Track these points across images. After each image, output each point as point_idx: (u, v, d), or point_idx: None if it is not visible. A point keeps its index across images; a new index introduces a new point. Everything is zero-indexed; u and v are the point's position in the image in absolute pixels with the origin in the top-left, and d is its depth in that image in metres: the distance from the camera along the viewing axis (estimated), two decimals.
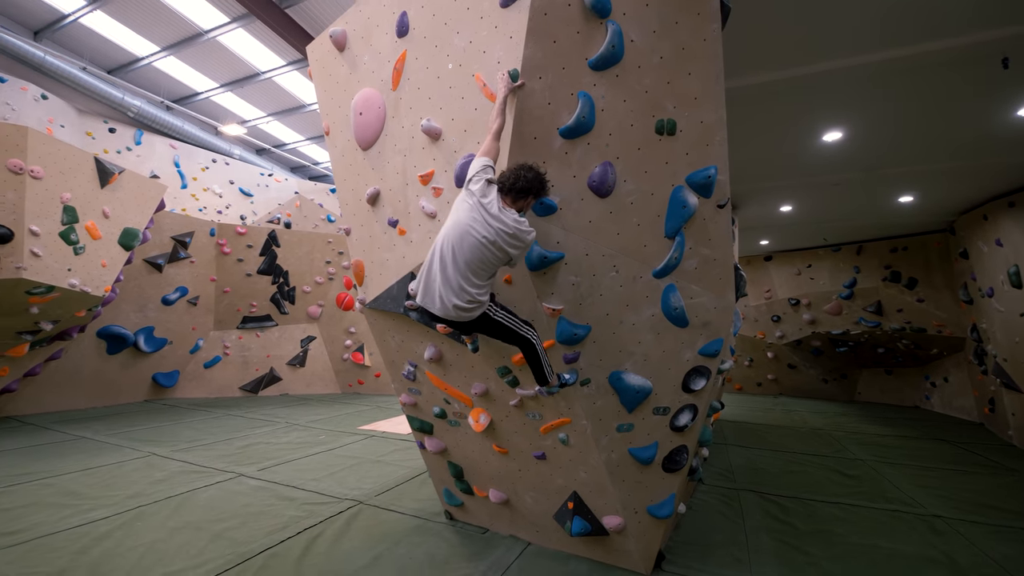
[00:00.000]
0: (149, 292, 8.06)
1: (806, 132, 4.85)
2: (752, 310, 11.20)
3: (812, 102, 4.23)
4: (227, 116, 12.19)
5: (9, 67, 8.74)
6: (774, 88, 3.95)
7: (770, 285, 10.95)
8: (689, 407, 2.84)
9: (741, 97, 4.01)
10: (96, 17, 8.85)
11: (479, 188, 2.13)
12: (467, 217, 2.13)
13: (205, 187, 11.21)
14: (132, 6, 8.64)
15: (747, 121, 4.52)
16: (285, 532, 3.58)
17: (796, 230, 8.95)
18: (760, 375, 11.62)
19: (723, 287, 2.67)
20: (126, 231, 6.28)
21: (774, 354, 11.26)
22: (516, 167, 2.12)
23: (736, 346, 11.67)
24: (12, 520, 3.66)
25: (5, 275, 5.03)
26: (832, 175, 6.00)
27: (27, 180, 5.07)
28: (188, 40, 9.35)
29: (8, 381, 6.53)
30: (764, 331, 11.17)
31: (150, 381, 8.55)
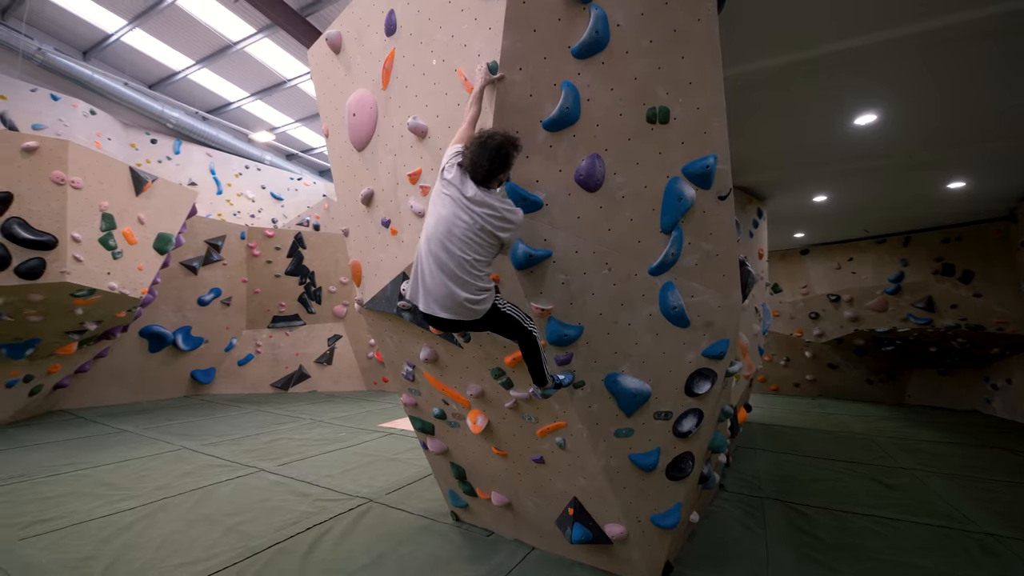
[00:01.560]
0: (186, 293, 8.47)
1: (836, 116, 4.52)
2: (788, 307, 10.66)
3: (841, 82, 3.92)
4: (257, 124, 12.68)
5: (62, 86, 9.39)
6: (798, 69, 3.68)
7: (807, 280, 10.38)
8: (693, 412, 2.69)
9: (761, 81, 3.77)
10: (136, 35, 9.38)
11: (455, 176, 2.03)
12: (450, 211, 2.03)
13: (239, 192, 11.69)
14: (167, 22, 9.10)
15: (770, 106, 4.26)
16: (295, 528, 3.66)
17: (833, 221, 8.43)
18: (798, 375, 11.05)
19: (727, 284, 2.50)
20: (160, 236, 6.60)
21: (813, 353, 10.68)
22: (476, 144, 1.97)
23: (770, 345, 11.15)
24: (51, 508, 3.90)
25: (51, 279, 5.37)
26: (869, 161, 5.59)
27: (68, 190, 5.40)
28: (219, 52, 9.76)
29: (61, 377, 7.01)
30: (801, 329, 10.61)
31: (189, 378, 8.98)
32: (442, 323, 2.17)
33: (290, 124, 13.04)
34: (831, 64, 3.60)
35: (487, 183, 2.01)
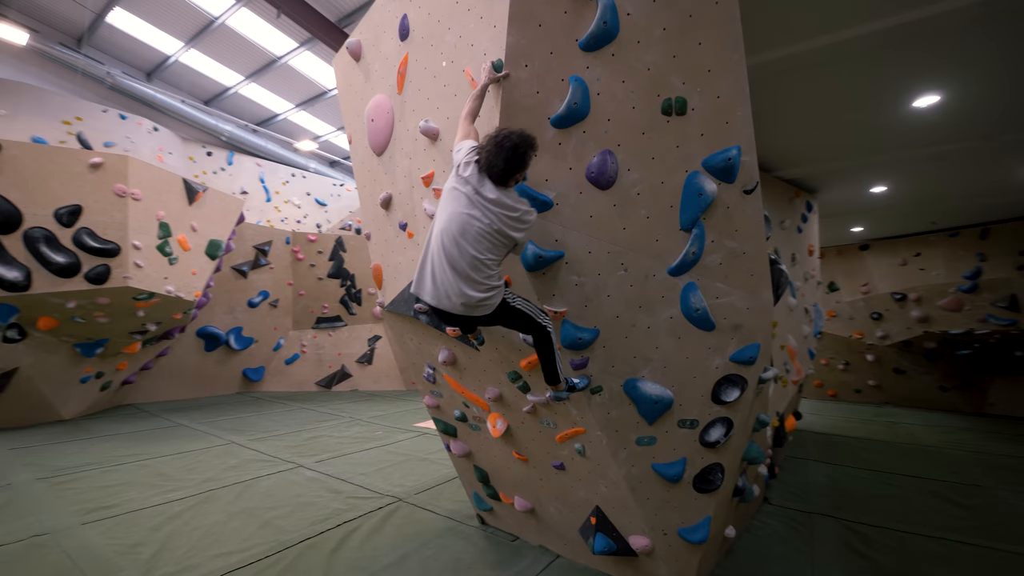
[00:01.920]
0: (236, 296, 8.97)
1: (890, 99, 4.13)
2: (846, 307, 9.93)
3: (895, 62, 3.57)
4: (302, 133, 13.28)
5: (129, 106, 10.21)
6: (841, 50, 3.38)
7: (867, 278, 9.62)
8: (721, 420, 2.52)
9: (801, 65, 3.49)
10: (192, 55, 10.06)
11: (472, 174, 1.99)
12: (465, 208, 2.00)
13: (286, 199, 12.28)
14: (219, 41, 9.69)
15: (814, 92, 3.95)
16: (326, 524, 3.76)
17: (896, 213, 7.75)
18: (859, 380, 10.27)
19: (756, 284, 2.33)
20: (211, 242, 7.01)
21: (875, 357, 9.88)
22: (492, 144, 1.93)
23: (826, 347, 10.43)
24: (110, 495, 4.21)
25: (115, 284, 5.82)
26: (934, 147, 5.08)
27: (129, 202, 5.84)
28: (265, 67, 10.30)
29: (128, 374, 7.60)
30: (862, 330, 9.85)
31: (241, 375, 9.51)
32: (453, 319, 2.17)
33: (332, 132, 13.58)
34: (880, 42, 3.28)
35: (504, 183, 1.98)
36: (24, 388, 6.07)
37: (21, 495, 4.13)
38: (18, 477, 4.55)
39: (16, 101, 8.53)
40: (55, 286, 5.54)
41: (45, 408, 6.45)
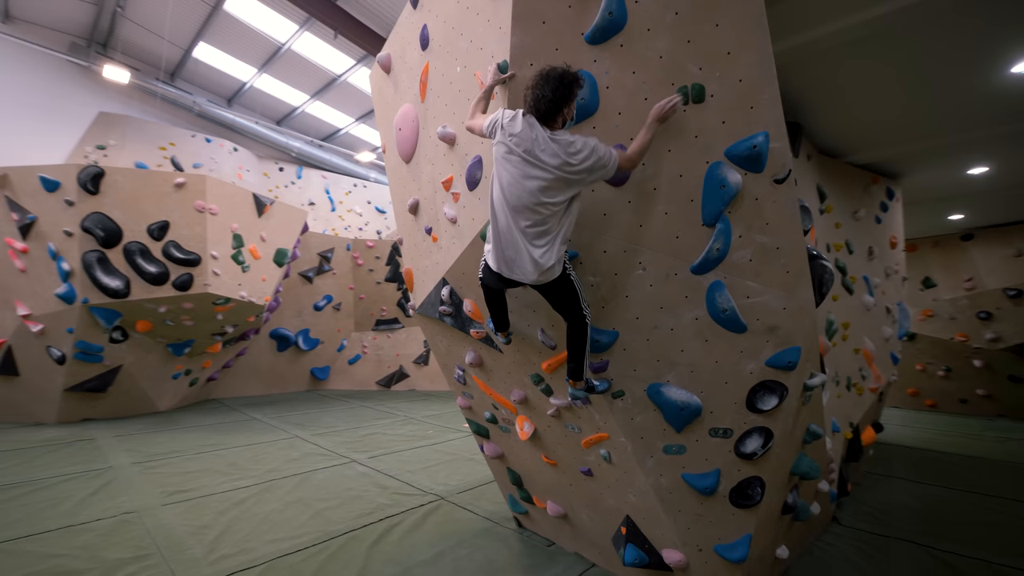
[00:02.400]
0: (304, 300, 9.63)
1: (986, 65, 3.60)
2: (945, 305, 8.80)
3: (986, 21, 3.09)
4: (361, 145, 14.06)
5: (213, 130, 11.34)
6: (933, 8, 2.95)
7: (972, 272, 8.47)
8: (758, 431, 2.32)
9: (869, 35, 3.11)
10: (264, 80, 11.00)
11: (518, 123, 1.88)
12: (519, 172, 1.90)
13: (349, 208, 13.03)
14: (286, 65, 10.51)
15: (888, 64, 3.51)
16: (370, 518, 3.92)
17: (1004, 197, 6.75)
18: (964, 390, 9.05)
19: (793, 282, 2.12)
20: (278, 251, 7.59)
21: (984, 362, 8.66)
22: (538, 79, 1.84)
23: (922, 351, 9.31)
24: (188, 481, 4.67)
25: (197, 290, 6.47)
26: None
27: (207, 216, 6.47)
28: (327, 86, 11.02)
29: (212, 371, 8.42)
30: (966, 332, 8.69)
31: (309, 374, 10.19)
32: (511, 285, 2.14)
33: None
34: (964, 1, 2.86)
35: (552, 117, 1.89)
36: (127, 383, 6.90)
37: (118, 477, 4.69)
38: (118, 461, 5.18)
39: (123, 132, 9.75)
40: (149, 293, 6.26)
41: (144, 401, 7.29)
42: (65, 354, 6.23)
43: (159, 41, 10.09)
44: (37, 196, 5.94)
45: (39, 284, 6.07)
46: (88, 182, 5.92)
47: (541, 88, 1.84)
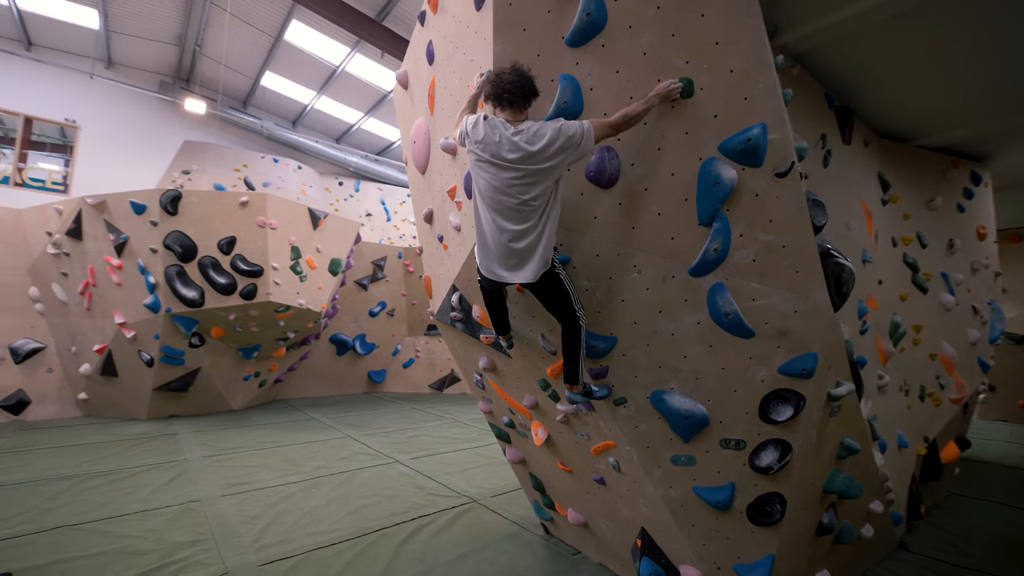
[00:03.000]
0: (359, 307, 10.17)
1: None
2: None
3: None
4: None
5: (280, 150, 12.33)
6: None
7: None
8: (774, 443, 2.16)
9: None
10: (323, 101, 11.80)
11: (481, 127, 1.91)
12: (492, 173, 1.91)
13: (403, 218, 13.58)
14: (342, 86, 11.21)
15: (960, 29, 3.09)
16: (403, 516, 4.07)
17: None
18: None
19: (804, 283, 1.96)
20: (332, 261, 8.09)
21: None
22: (493, 80, 1.88)
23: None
24: (247, 474, 5.09)
25: (261, 299, 7.05)
26: None
27: (268, 231, 7.04)
28: (379, 102, 11.61)
29: (278, 374, 9.10)
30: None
31: (366, 377, 10.72)
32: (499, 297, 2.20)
33: None
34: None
35: (521, 106, 1.89)
36: (204, 384, 7.65)
37: (190, 468, 5.21)
38: (192, 454, 5.75)
39: (203, 157, 10.86)
40: (220, 302, 6.90)
41: (219, 400, 8.04)
42: (153, 357, 7.02)
43: (232, 73, 11.17)
44: (128, 218, 6.77)
45: (131, 296, 6.90)
46: (168, 204, 6.65)
47: (500, 83, 1.85)
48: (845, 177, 4.02)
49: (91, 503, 4.15)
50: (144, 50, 10.95)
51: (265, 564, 3.25)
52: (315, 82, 11.38)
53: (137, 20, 10.06)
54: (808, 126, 3.52)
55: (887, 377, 3.90)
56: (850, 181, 4.07)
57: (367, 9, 9.17)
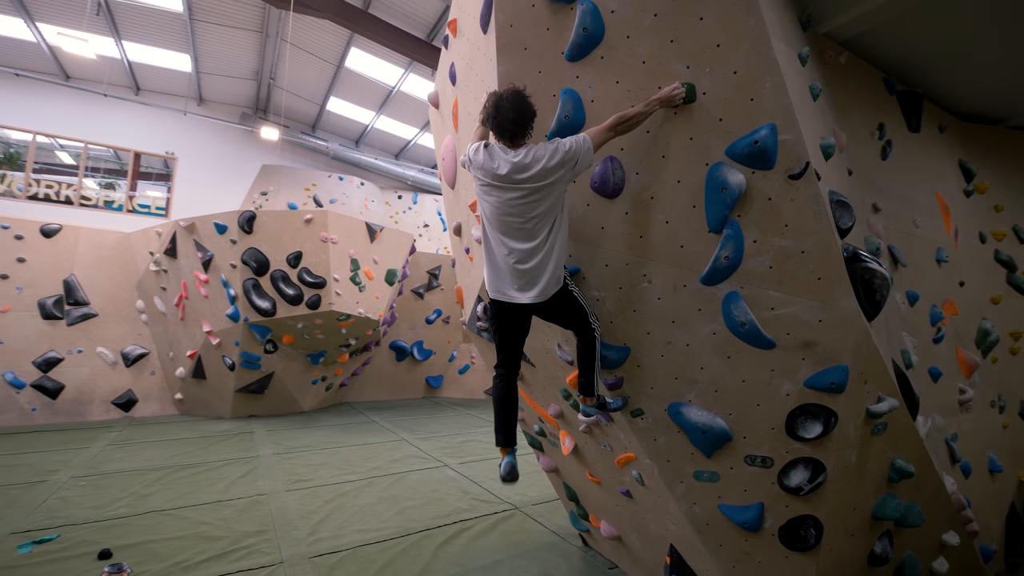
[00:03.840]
0: (416, 314, 10.60)
1: None
2: None
3: None
4: None
5: (345, 169, 13.21)
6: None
7: None
8: (804, 462, 2.02)
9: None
10: (382, 121, 12.50)
11: (482, 159, 1.97)
12: (496, 197, 1.96)
13: None
14: (398, 105, 11.81)
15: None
16: (446, 519, 4.21)
17: None
18: None
19: (828, 290, 1.82)
20: (389, 271, 8.53)
21: None
22: (491, 107, 1.92)
23: None
24: (310, 472, 5.49)
25: (324, 309, 7.59)
26: None
27: (330, 245, 7.58)
28: None
29: (343, 378, 9.71)
30: None
31: (424, 382, 11.13)
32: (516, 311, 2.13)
33: None
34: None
35: (521, 136, 1.93)
36: (278, 387, 8.34)
37: (262, 464, 5.72)
38: (264, 451, 6.30)
39: (278, 180, 11.89)
40: (289, 312, 7.52)
41: (291, 402, 8.72)
42: (234, 362, 7.79)
43: (301, 101, 12.19)
44: (213, 238, 7.59)
45: (216, 307, 7.71)
46: (244, 224, 7.38)
47: (499, 112, 1.89)
48: (912, 168, 3.66)
49: (178, 491, 4.69)
50: (228, 87, 12.25)
51: (316, 556, 3.50)
52: (374, 103, 12.11)
53: (221, 61, 11.28)
54: (862, 117, 3.26)
55: (971, 391, 3.48)
56: (919, 172, 3.70)
57: (418, 31, 9.64)
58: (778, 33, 1.85)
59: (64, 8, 9.46)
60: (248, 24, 10.19)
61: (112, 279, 8.30)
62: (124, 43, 10.61)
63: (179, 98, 12.41)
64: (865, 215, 2.87)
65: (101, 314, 8.07)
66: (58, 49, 10.49)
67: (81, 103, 11.73)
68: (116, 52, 10.84)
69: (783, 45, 1.86)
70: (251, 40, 10.68)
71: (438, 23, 9.42)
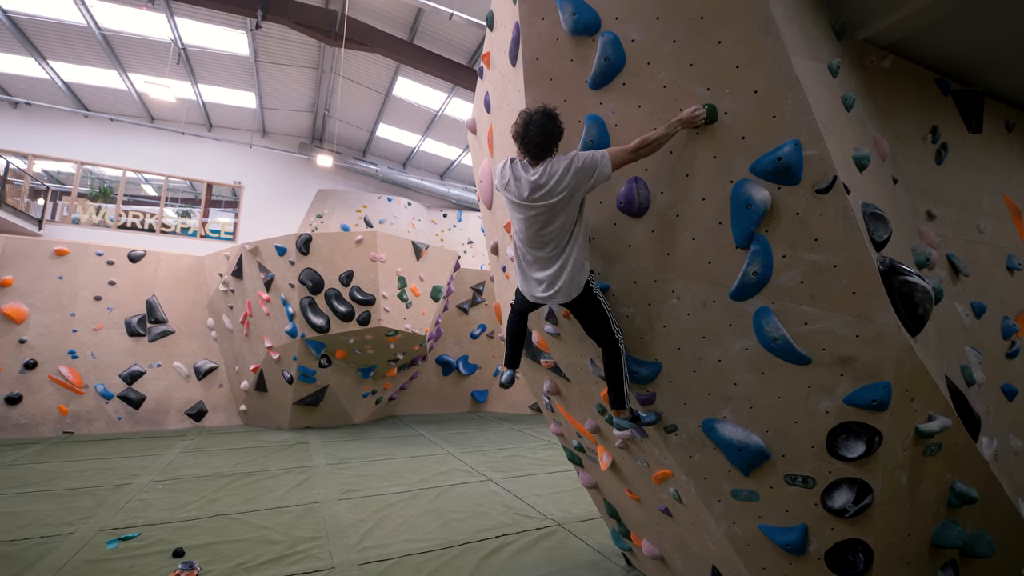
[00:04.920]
0: (461, 329, 10.84)
1: None
2: None
3: None
4: None
5: (393, 190, 13.86)
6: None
7: None
8: (848, 482, 1.94)
9: None
10: (428, 143, 13.07)
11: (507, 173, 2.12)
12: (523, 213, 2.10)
13: None
14: (443, 128, 12.32)
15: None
16: (488, 533, 4.28)
17: None
18: None
19: (863, 304, 1.78)
20: (434, 288, 8.82)
21: None
22: (520, 127, 2.04)
23: None
24: (360, 482, 5.73)
25: (373, 325, 7.96)
26: None
27: (379, 264, 7.97)
28: None
29: (392, 392, 10.06)
30: None
31: (470, 397, 11.31)
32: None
33: None
34: None
35: (544, 157, 2.03)
36: (331, 400, 8.78)
37: (316, 474, 6.03)
38: (318, 461, 6.64)
39: (332, 203, 12.63)
40: (341, 328, 7.94)
41: (344, 414, 9.13)
42: (292, 376, 8.28)
43: (353, 128, 12.97)
44: (273, 259, 8.18)
45: (276, 324, 8.27)
46: (302, 246, 7.92)
47: (528, 132, 2.01)
48: (974, 171, 3.46)
49: (242, 497, 5.04)
50: (287, 119, 13.26)
51: (364, 564, 3.66)
52: (420, 127, 12.70)
53: (282, 97, 12.26)
54: (911, 121, 3.14)
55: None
56: (983, 174, 3.50)
57: (459, 57, 10.07)
58: (801, 49, 1.86)
59: (150, 59, 10.66)
60: (306, 62, 11.04)
61: (187, 299, 9.11)
62: (200, 86, 11.78)
63: (245, 132, 13.56)
64: (916, 224, 2.74)
65: (177, 331, 8.86)
66: (145, 95, 11.78)
67: (163, 141, 13.08)
68: (192, 94, 12.04)
69: (807, 60, 1.86)
70: (308, 76, 11.55)
71: (478, 49, 9.81)
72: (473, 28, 9.16)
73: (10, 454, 6.49)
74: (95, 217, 12.96)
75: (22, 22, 9.63)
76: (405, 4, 8.88)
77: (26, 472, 5.71)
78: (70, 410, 7.81)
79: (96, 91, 11.91)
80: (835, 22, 2.57)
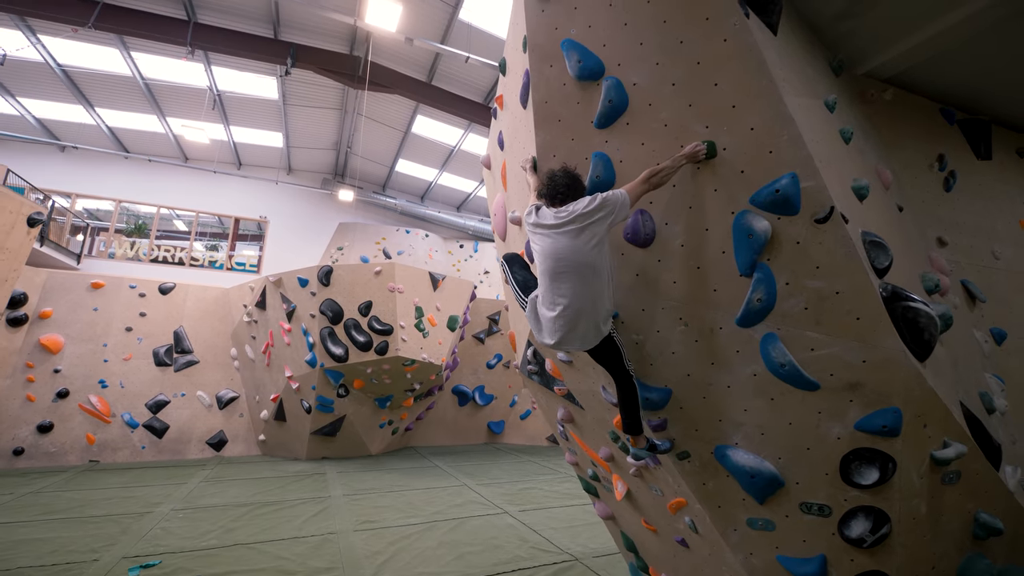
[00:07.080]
0: (478, 359, 10.88)
1: None
2: None
3: None
4: None
5: (411, 222, 14.26)
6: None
7: None
8: (864, 511, 1.92)
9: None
10: (445, 177, 13.51)
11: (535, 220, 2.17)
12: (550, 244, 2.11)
13: None
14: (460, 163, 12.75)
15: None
16: (504, 567, 4.22)
17: None
18: None
19: (869, 330, 1.81)
20: (450, 318, 8.94)
21: None
22: (546, 180, 2.16)
23: None
24: (376, 513, 5.72)
25: (391, 354, 8.07)
26: None
27: (396, 295, 8.15)
28: None
29: (408, 422, 10.07)
30: None
31: (486, 428, 11.22)
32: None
33: None
34: None
35: (569, 201, 2.11)
36: (348, 430, 8.82)
37: (332, 505, 6.04)
38: (335, 492, 6.64)
39: (352, 236, 13.03)
40: (360, 358, 8.07)
41: (361, 445, 9.15)
42: (311, 405, 8.39)
43: (373, 164, 13.52)
44: (295, 291, 8.44)
45: (296, 353, 8.45)
46: (323, 277, 8.17)
47: (552, 184, 2.13)
48: (986, 197, 3.48)
49: (260, 527, 5.07)
50: (312, 157, 13.92)
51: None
52: (437, 161, 13.18)
53: (307, 136, 12.92)
54: (917, 150, 3.21)
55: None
56: (995, 200, 3.51)
57: (475, 96, 10.53)
58: (796, 88, 1.97)
59: (187, 104, 11.41)
60: (330, 104, 11.67)
61: (212, 329, 9.40)
62: (231, 127, 12.50)
63: (272, 169, 14.24)
64: (926, 250, 2.77)
65: (201, 361, 9.11)
66: (181, 137, 12.54)
67: (195, 179, 13.80)
68: (224, 135, 12.77)
69: (802, 98, 1.97)
70: (332, 117, 12.18)
71: (493, 87, 10.26)
72: (488, 69, 9.61)
73: (39, 481, 6.67)
74: (129, 251, 13.61)
75: (75, 74, 10.47)
76: (424, 49, 9.40)
77: (55, 499, 5.86)
78: (97, 439, 8.02)
79: (136, 134, 12.74)
80: (832, 59, 2.69)
